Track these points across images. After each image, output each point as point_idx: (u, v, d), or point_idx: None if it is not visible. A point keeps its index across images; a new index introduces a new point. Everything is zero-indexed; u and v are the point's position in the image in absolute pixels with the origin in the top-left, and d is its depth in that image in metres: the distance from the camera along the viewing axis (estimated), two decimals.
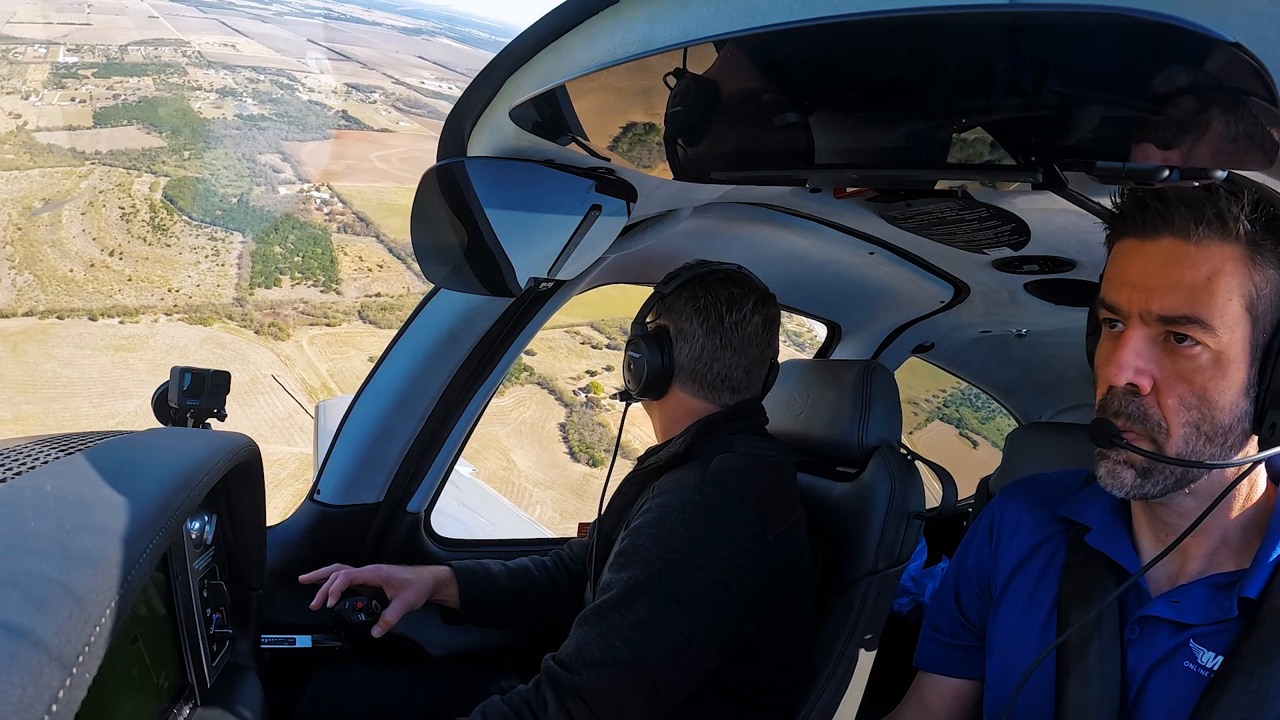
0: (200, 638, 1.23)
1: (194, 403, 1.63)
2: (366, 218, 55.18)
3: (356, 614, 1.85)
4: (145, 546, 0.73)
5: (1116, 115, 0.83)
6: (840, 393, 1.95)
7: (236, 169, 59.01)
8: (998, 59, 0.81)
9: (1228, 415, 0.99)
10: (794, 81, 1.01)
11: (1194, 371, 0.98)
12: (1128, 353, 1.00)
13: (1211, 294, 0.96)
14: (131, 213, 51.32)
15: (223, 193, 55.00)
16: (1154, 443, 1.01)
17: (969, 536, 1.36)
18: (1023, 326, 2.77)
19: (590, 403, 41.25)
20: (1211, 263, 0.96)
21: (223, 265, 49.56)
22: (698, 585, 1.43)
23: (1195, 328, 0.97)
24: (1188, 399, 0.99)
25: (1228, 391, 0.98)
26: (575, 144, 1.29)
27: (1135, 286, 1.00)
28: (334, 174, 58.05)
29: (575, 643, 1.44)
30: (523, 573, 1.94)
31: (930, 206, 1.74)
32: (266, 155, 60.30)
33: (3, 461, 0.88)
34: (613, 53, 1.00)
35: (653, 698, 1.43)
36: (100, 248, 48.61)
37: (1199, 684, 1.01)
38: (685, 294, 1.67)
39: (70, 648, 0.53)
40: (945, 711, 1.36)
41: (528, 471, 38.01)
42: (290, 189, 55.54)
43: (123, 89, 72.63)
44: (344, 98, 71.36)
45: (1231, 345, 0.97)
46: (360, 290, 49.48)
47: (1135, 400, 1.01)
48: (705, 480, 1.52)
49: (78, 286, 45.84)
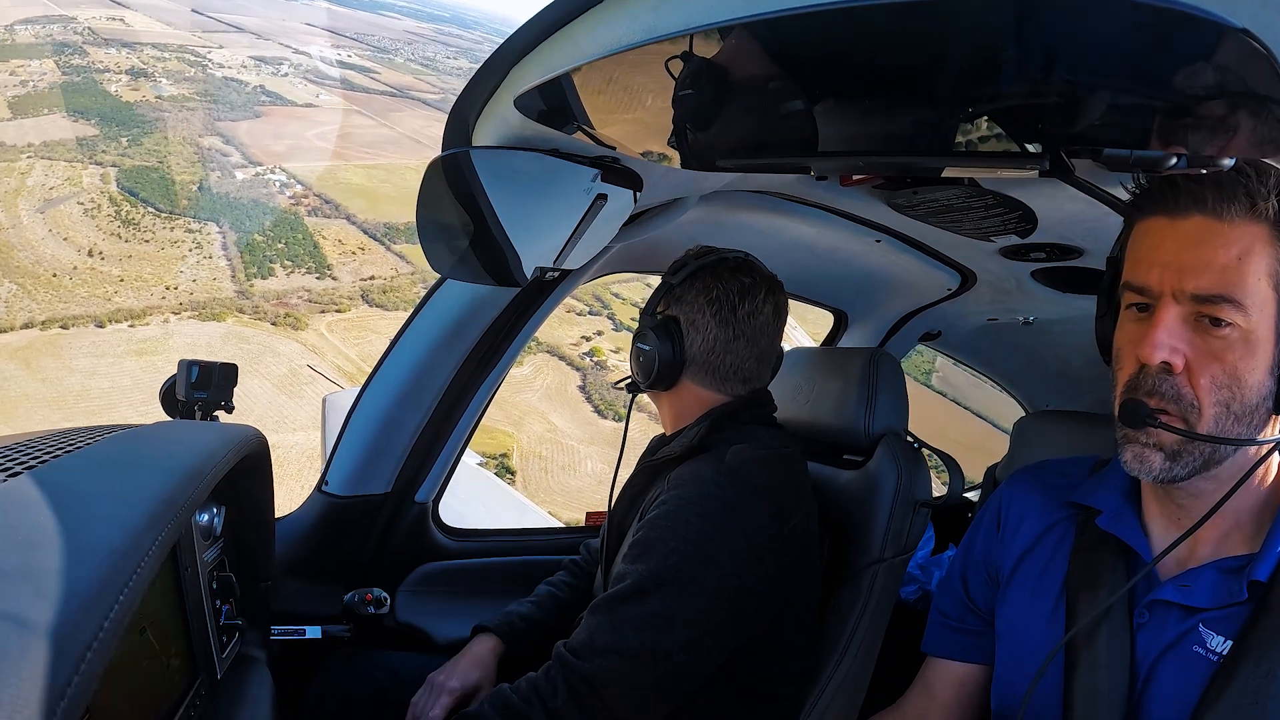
0: (210, 629, 1.24)
1: (201, 395, 1.63)
2: (330, 199, 54.14)
3: (366, 606, 1.86)
4: (154, 539, 0.73)
5: (1123, 102, 0.83)
6: (846, 381, 1.95)
7: (183, 154, 57.43)
8: (1004, 45, 0.80)
9: (1255, 394, 0.99)
10: (800, 68, 1.00)
11: (1225, 350, 0.98)
12: (1161, 332, 0.99)
13: (1243, 274, 0.96)
14: (94, 208, 49.88)
15: (181, 180, 53.69)
16: (1186, 422, 1.01)
17: (976, 522, 1.36)
18: (1030, 314, 2.75)
19: (598, 365, 41.79)
20: (1242, 242, 0.96)
21: (210, 258, 48.62)
22: (713, 578, 1.43)
23: (1228, 307, 0.97)
24: (1219, 379, 0.99)
25: (1257, 371, 0.98)
26: (581, 133, 1.28)
27: (1167, 266, 1.00)
28: (281, 155, 57.14)
29: (587, 631, 1.45)
30: (551, 602, 1.90)
31: (937, 194, 1.73)
32: (207, 138, 58.85)
33: (12, 455, 0.88)
34: (618, 40, 1.00)
35: (662, 688, 1.43)
36: (76, 248, 47.22)
37: (1208, 668, 1.00)
38: (695, 284, 1.65)
39: (80, 640, 0.54)
40: (952, 697, 1.36)
41: (569, 431, 38.36)
42: (246, 173, 54.43)
43: (27, 74, 68.37)
44: (254, 71, 69.06)
45: (1260, 324, 0.97)
46: (352, 274, 48.81)
47: (1168, 380, 1.01)
48: (721, 473, 1.52)
49: (68, 292, 44.57)
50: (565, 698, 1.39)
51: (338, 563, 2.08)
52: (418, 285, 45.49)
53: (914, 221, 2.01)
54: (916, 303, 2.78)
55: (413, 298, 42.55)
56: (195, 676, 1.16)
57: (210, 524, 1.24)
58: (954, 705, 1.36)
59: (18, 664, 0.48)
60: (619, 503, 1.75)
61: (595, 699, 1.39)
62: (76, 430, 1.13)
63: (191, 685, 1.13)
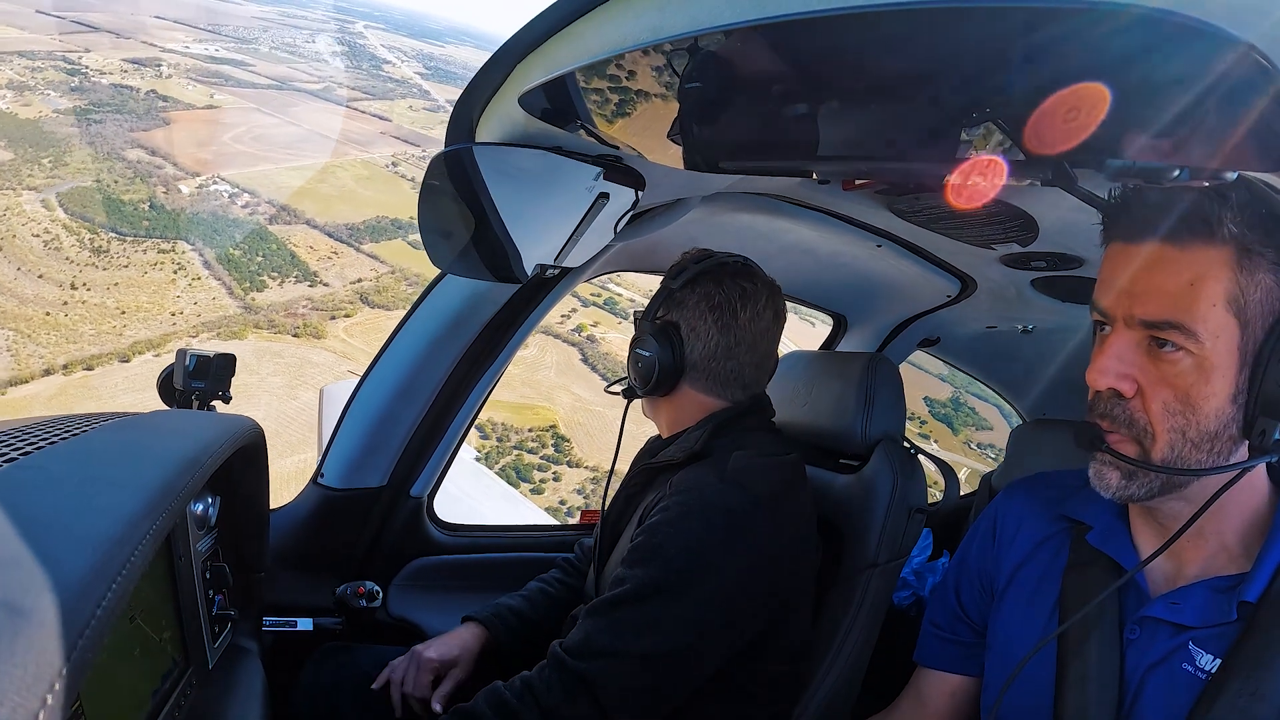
0: (202, 619, 1.23)
1: (199, 385, 1.63)
2: (283, 205, 52.70)
3: (358, 599, 1.86)
4: (148, 528, 0.73)
5: (1127, 113, 0.83)
6: (845, 385, 1.95)
7: (117, 171, 54.27)
8: (1010, 54, 0.80)
9: (1213, 421, 0.98)
10: (805, 72, 1.00)
11: (1176, 376, 0.98)
12: (1109, 358, 1.00)
13: (1194, 299, 0.95)
14: (52, 239, 46.70)
15: (131, 199, 51.03)
16: (1140, 446, 1.01)
17: (971, 534, 1.36)
18: (1029, 323, 2.76)
19: (590, 339, 42.13)
20: (1195, 267, 0.95)
21: (199, 278, 46.91)
22: (714, 585, 1.43)
23: (1177, 333, 0.96)
24: (1172, 404, 0.98)
25: (1213, 398, 0.97)
26: (584, 131, 1.28)
27: (1121, 290, 1.00)
28: (211, 163, 55.16)
29: (584, 632, 1.45)
30: (542, 598, 1.91)
31: (939, 200, 1.73)
32: (130, 151, 55.58)
33: (8, 442, 0.88)
34: (623, 40, 1.00)
35: (658, 690, 1.44)
36: (56, 284, 44.39)
37: (1196, 686, 1.01)
38: (696, 289, 1.64)
39: (73, 627, 0.54)
40: (943, 707, 1.37)
41: (593, 399, 38.45)
42: (189, 185, 52.35)
43: None
44: (137, 75, 64.09)
45: (1216, 351, 0.95)
46: (340, 278, 47.76)
47: (1120, 404, 1.02)
48: (724, 480, 1.51)
49: (72, 330, 42.29)
50: (560, 697, 1.39)
51: (332, 555, 2.08)
52: (403, 284, 45.15)
53: (915, 227, 2.01)
54: (916, 308, 2.78)
55: (406, 296, 42.26)
56: (186, 666, 1.16)
57: (205, 514, 1.23)
58: (944, 715, 1.37)
59: (10, 651, 0.48)
60: (614, 503, 1.75)
61: (590, 699, 1.39)
62: (73, 418, 1.12)
63: (183, 675, 1.13)
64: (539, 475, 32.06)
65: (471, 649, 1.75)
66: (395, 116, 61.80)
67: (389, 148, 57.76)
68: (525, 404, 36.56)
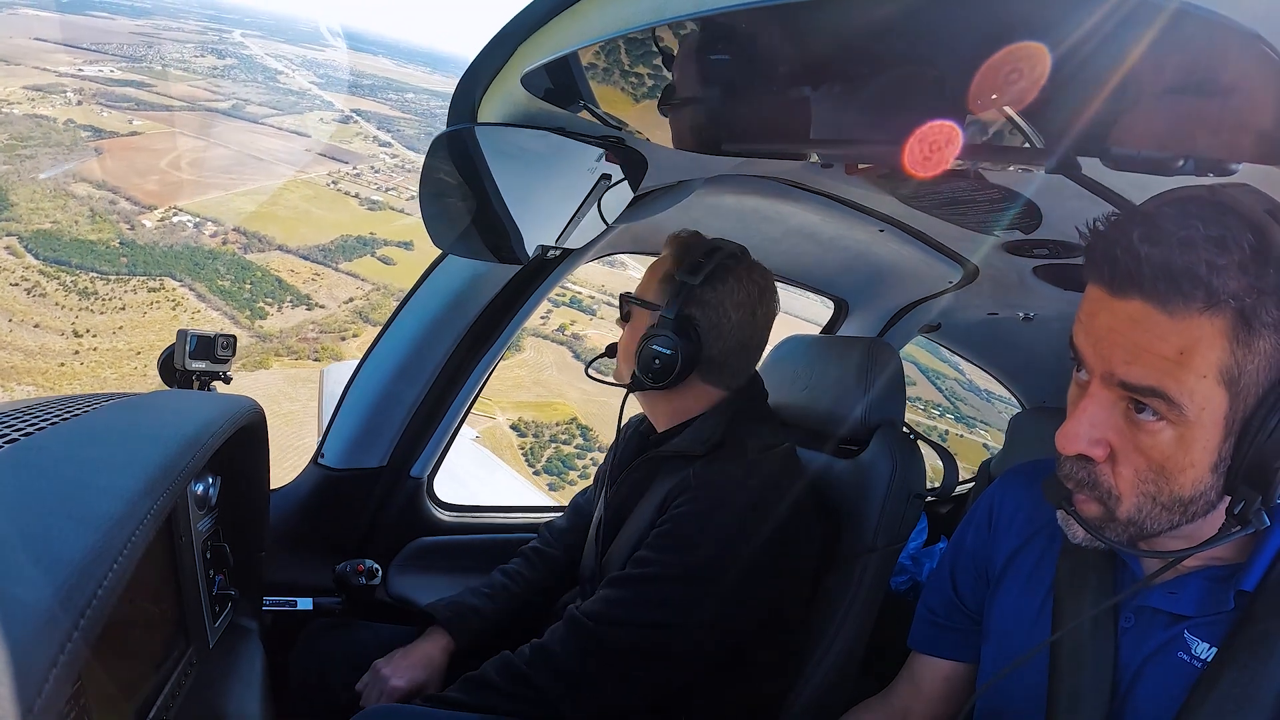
0: (203, 599, 1.24)
1: (200, 365, 1.63)
2: (249, 231, 51.07)
3: (358, 576, 1.86)
4: (149, 508, 0.73)
5: (1132, 102, 0.82)
6: (844, 369, 1.95)
7: (72, 210, 51.02)
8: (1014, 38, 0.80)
9: (1189, 489, 0.92)
10: (809, 54, 1.00)
11: (1153, 447, 0.90)
12: (1081, 423, 0.94)
13: (1184, 369, 0.85)
14: (33, 285, 44.25)
15: (99, 239, 48.55)
16: (1105, 507, 0.97)
17: (967, 520, 1.36)
18: (1030, 310, 2.75)
19: (574, 336, 42.58)
20: (1187, 336, 0.84)
21: (199, 311, 45.31)
22: (737, 573, 1.48)
23: (1159, 401, 0.87)
24: (1144, 473, 0.93)
25: (1193, 467, 0.90)
26: (586, 112, 1.28)
27: (1100, 343, 0.92)
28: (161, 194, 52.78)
29: (605, 600, 1.50)
30: (504, 595, 1.92)
31: (942, 186, 1.73)
32: (77, 185, 52.61)
33: (9, 423, 0.88)
34: (627, 20, 0.99)
35: (668, 664, 1.49)
36: (58, 332, 42.56)
37: (1192, 674, 1.00)
38: (720, 287, 1.63)
39: (74, 607, 0.54)
40: (938, 692, 1.37)
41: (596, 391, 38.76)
42: (150, 219, 50.10)
43: None
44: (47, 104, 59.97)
45: (1200, 422, 0.87)
46: (331, 299, 46.87)
47: (1087, 467, 0.96)
48: (749, 475, 1.56)
49: (94, 378, 40.55)
50: (575, 657, 1.45)
51: (332, 535, 2.08)
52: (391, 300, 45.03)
53: (918, 212, 2.01)
54: (917, 294, 2.78)
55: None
56: (187, 646, 1.16)
57: (206, 494, 1.23)
58: (939, 700, 1.37)
59: (11, 630, 0.48)
60: (619, 489, 1.76)
61: (602, 661, 1.45)
62: (75, 398, 1.12)
63: (183, 654, 1.14)
64: (580, 462, 32.78)
65: (439, 665, 1.75)
66: (311, 131, 59.23)
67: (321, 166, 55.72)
68: (544, 402, 37.22)
